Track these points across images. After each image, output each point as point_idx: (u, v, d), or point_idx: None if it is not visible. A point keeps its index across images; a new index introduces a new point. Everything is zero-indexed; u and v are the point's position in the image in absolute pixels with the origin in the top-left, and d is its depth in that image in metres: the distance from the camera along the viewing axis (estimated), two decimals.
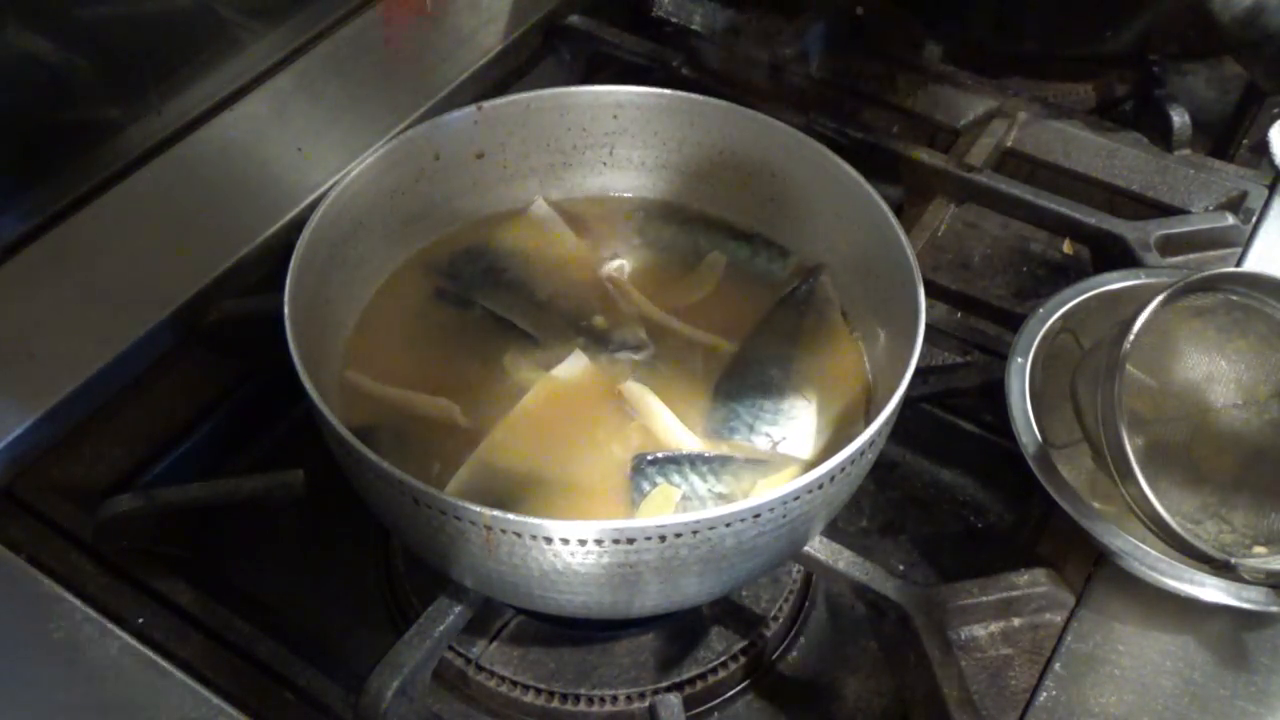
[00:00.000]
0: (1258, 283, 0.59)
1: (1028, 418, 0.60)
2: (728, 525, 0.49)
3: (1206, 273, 0.58)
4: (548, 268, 0.71)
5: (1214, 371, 0.62)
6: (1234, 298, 0.60)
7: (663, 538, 0.49)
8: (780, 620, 0.66)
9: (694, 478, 0.59)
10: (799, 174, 0.70)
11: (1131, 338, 0.55)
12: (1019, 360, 0.62)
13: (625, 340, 0.66)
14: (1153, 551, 0.56)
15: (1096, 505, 0.58)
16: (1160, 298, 0.56)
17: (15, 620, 0.56)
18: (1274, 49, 0.87)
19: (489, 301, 0.68)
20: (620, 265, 0.71)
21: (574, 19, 0.93)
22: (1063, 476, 0.58)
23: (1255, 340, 0.61)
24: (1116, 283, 0.66)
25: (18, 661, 0.54)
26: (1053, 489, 0.58)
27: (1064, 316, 0.64)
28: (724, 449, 0.62)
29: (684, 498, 0.59)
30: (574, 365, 0.64)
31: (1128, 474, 0.54)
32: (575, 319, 0.68)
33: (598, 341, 0.66)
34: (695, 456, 0.60)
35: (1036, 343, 0.63)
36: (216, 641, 0.58)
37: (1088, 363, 0.62)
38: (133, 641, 0.55)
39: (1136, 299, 0.65)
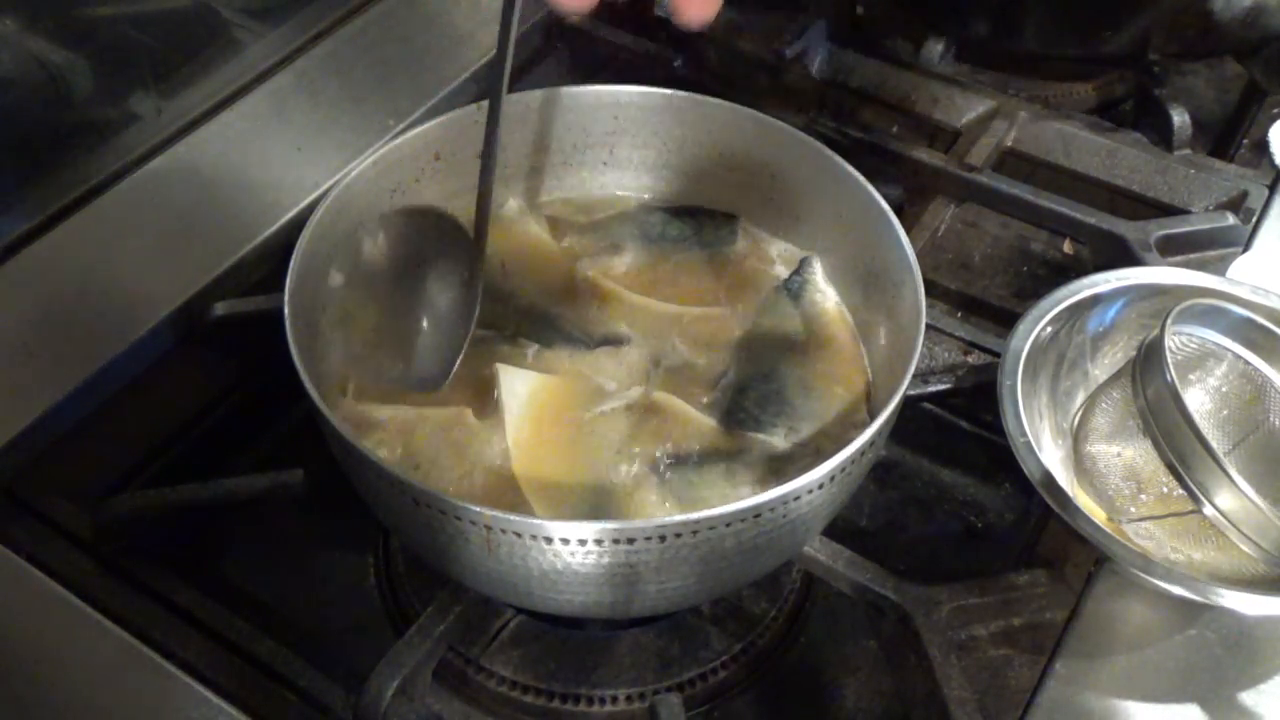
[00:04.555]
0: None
1: (1020, 422, 0.60)
2: (728, 525, 0.49)
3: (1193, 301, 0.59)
4: (523, 269, 0.70)
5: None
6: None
7: (663, 538, 0.49)
8: (780, 620, 0.66)
9: (713, 472, 0.60)
10: (799, 174, 0.70)
11: (1172, 373, 0.55)
12: (1011, 364, 0.62)
13: (606, 336, 0.66)
14: (1152, 556, 0.56)
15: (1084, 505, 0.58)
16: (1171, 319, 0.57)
17: (15, 620, 0.56)
18: (1274, 49, 0.87)
19: None
20: (603, 263, 0.71)
21: (574, 19, 0.93)
22: (1058, 482, 0.58)
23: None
24: (1106, 284, 0.66)
25: (18, 661, 0.54)
26: (1051, 498, 0.57)
27: (1055, 319, 0.64)
28: (736, 440, 0.62)
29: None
30: (563, 366, 0.64)
31: (1223, 487, 0.54)
32: (554, 319, 0.67)
33: (579, 340, 0.66)
34: (713, 451, 0.61)
35: (1029, 345, 0.63)
36: (216, 641, 0.58)
37: (1109, 390, 0.62)
38: (133, 641, 0.55)
39: (1131, 300, 0.66)
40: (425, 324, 0.61)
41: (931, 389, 0.69)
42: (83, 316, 0.66)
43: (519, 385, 0.62)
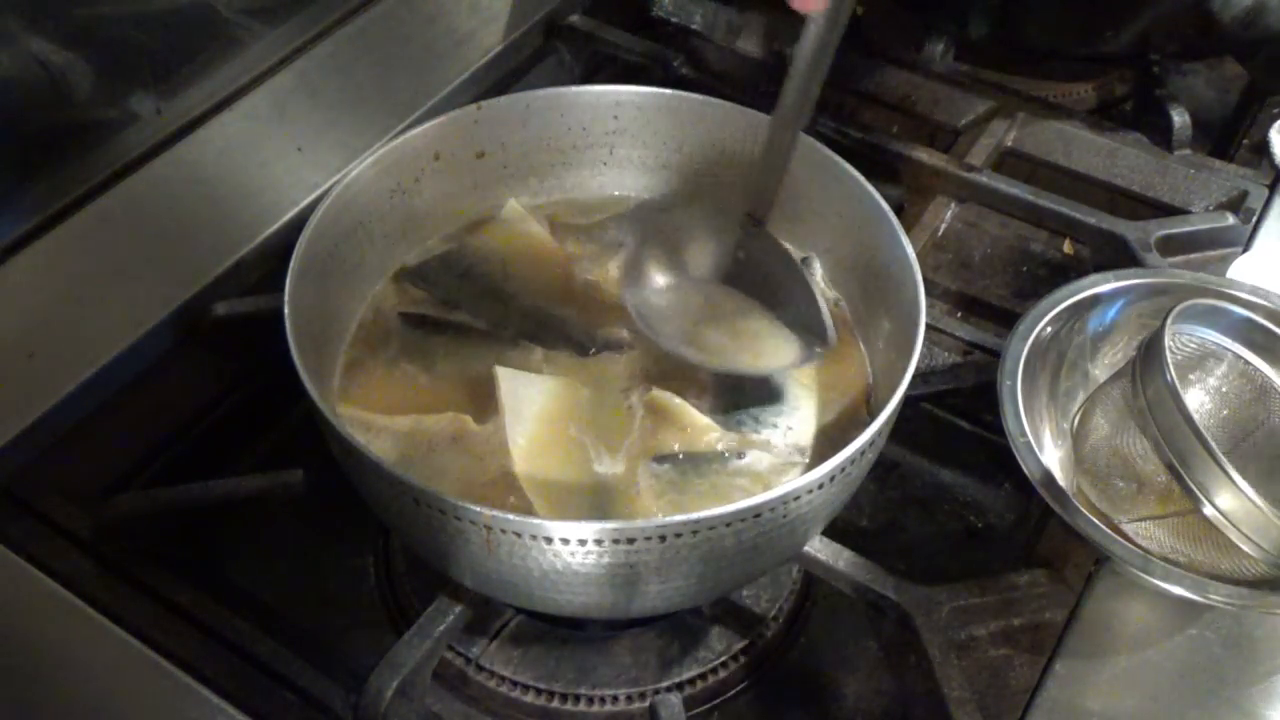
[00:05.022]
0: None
1: (1020, 422, 0.60)
2: (728, 525, 0.49)
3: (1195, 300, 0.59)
4: (524, 270, 0.71)
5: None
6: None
7: (663, 538, 0.49)
8: (780, 620, 0.66)
9: (713, 473, 0.60)
10: (799, 174, 0.70)
11: (1172, 373, 0.55)
12: (1011, 364, 0.62)
13: (608, 340, 0.66)
14: (1152, 556, 0.56)
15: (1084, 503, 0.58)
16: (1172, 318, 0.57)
17: (15, 620, 0.56)
18: (1274, 49, 0.87)
19: (468, 311, 0.68)
20: (604, 264, 0.71)
21: (574, 19, 0.93)
22: (1058, 482, 0.58)
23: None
24: (1106, 284, 0.66)
25: (18, 661, 0.54)
26: (1051, 498, 0.57)
27: (1055, 318, 0.64)
28: (736, 439, 0.62)
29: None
30: (565, 370, 0.64)
31: (1223, 487, 0.54)
32: (556, 322, 0.67)
33: (580, 343, 0.66)
34: (713, 453, 0.61)
35: (1028, 346, 0.63)
36: (216, 641, 0.58)
37: (1109, 390, 0.62)
38: (133, 641, 0.55)
39: (1131, 300, 0.66)
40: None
41: (931, 389, 0.69)
42: (83, 316, 0.66)
43: (519, 388, 0.62)
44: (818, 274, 0.70)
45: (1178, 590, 0.54)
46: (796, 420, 0.63)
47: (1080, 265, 0.86)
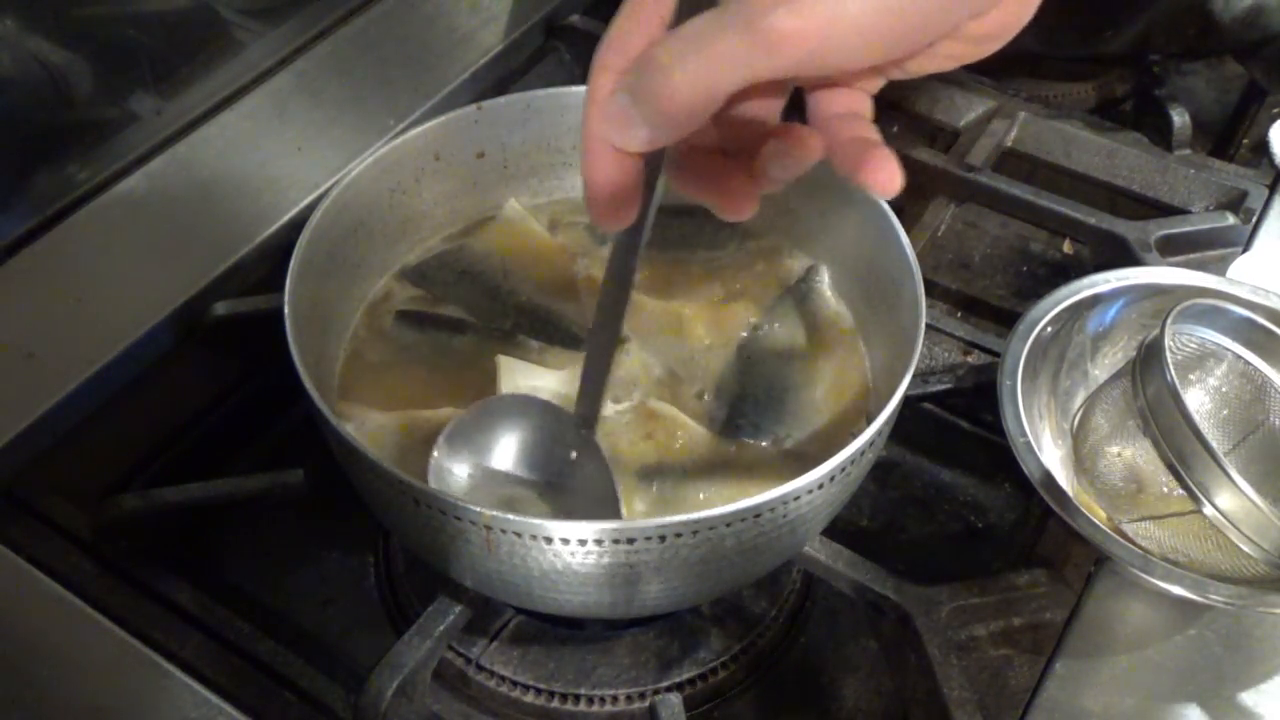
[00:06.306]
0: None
1: (1020, 422, 0.60)
2: (728, 525, 0.49)
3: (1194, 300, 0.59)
4: (522, 267, 0.71)
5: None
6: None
7: (663, 538, 0.49)
8: (780, 620, 0.66)
9: (710, 479, 0.60)
10: (800, 177, 0.70)
11: (1173, 372, 0.55)
12: (1011, 364, 0.62)
13: None
14: (1152, 556, 0.56)
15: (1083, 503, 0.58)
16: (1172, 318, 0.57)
17: (15, 620, 0.56)
18: (1274, 49, 0.87)
19: (468, 310, 0.68)
20: (603, 262, 0.71)
21: (574, 19, 0.93)
22: (1058, 482, 0.58)
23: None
24: (1106, 284, 0.66)
25: (18, 661, 0.54)
26: (1051, 498, 0.57)
27: (1055, 319, 0.64)
28: (733, 448, 0.62)
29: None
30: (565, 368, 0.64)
31: (1223, 487, 0.54)
32: (554, 317, 0.67)
33: (578, 337, 0.66)
34: (710, 458, 0.60)
35: (1029, 345, 0.63)
36: (216, 641, 0.59)
37: (1109, 390, 0.62)
38: (133, 641, 0.55)
39: (1131, 300, 0.66)
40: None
41: (931, 389, 0.69)
42: (83, 316, 0.66)
43: (519, 378, 0.62)
44: (824, 280, 0.70)
45: (1178, 590, 0.54)
46: (796, 426, 0.63)
47: (1080, 265, 0.86)
